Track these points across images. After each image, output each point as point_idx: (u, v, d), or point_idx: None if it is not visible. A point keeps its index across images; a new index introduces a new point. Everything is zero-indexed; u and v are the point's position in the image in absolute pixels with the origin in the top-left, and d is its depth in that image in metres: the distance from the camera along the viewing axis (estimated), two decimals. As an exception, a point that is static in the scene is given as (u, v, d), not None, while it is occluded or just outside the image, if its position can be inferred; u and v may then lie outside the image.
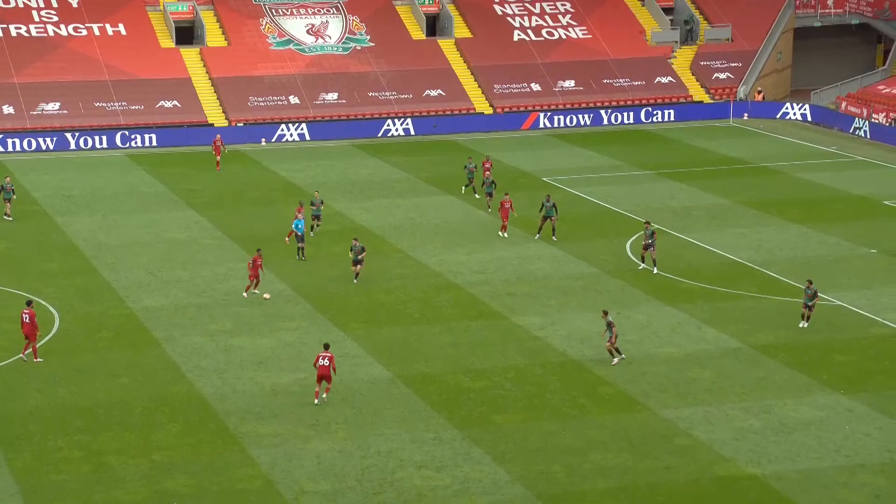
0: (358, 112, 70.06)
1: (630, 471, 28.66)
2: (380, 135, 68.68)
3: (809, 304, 37.49)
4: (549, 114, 70.98)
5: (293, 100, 69.99)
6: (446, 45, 75.12)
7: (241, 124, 67.91)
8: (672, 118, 71.79)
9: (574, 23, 77.34)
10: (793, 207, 52.20)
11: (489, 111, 71.39)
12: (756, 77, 74.63)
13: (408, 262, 45.12)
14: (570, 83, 73.14)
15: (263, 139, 66.23)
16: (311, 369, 34.51)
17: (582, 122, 71.02)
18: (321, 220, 48.53)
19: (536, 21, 77.22)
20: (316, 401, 32.48)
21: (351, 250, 42.33)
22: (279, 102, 69.72)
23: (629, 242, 47.09)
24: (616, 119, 71.37)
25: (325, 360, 32.27)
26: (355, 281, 42.03)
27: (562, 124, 70.80)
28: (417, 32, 75.92)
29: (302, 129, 67.92)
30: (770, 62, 75.72)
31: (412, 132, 69.10)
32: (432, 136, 68.71)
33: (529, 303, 40.35)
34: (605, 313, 34.97)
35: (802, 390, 33.07)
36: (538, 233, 47.26)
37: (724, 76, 74.88)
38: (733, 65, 75.37)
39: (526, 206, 51.10)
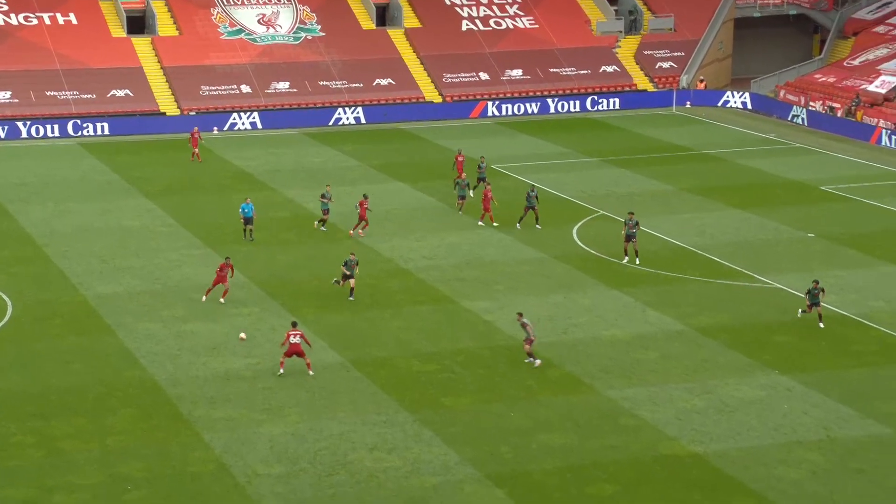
0: (309, 101, 69.68)
1: (576, 450, 28.77)
2: (331, 123, 68.37)
3: (813, 302, 36.31)
4: (496, 102, 70.99)
5: (245, 89, 69.46)
6: (396, 35, 74.86)
7: (193, 113, 67.30)
8: (617, 106, 72.04)
9: (521, 13, 77.36)
10: (734, 193, 52.58)
11: (438, 100, 71.26)
12: (698, 66, 75.06)
13: (358, 248, 44.94)
14: (517, 72, 73.18)
15: (216, 127, 65.69)
16: (265, 354, 34.40)
17: (529, 111, 71.10)
18: (329, 213, 47.02)
19: (484, 11, 77.15)
20: (281, 370, 32.92)
21: (344, 264, 39.07)
22: (231, 91, 69.16)
23: (576, 228, 47.23)
24: (562, 107, 71.52)
25: (296, 338, 32.58)
26: (351, 298, 38.76)
27: (509, 112, 70.83)
28: (367, 22, 75.60)
29: (254, 117, 67.44)
30: (711, 51, 76.18)
31: (363, 120, 68.84)
32: (383, 124, 68.50)
33: (479, 288, 40.36)
34: (520, 315, 33.89)
35: (743, 371, 33.34)
36: (519, 222, 46.73)
37: (668, 65, 75.24)
38: (676, 54, 75.76)
39: (474, 194, 51.03)
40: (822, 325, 36.42)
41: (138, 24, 72.56)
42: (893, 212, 49.32)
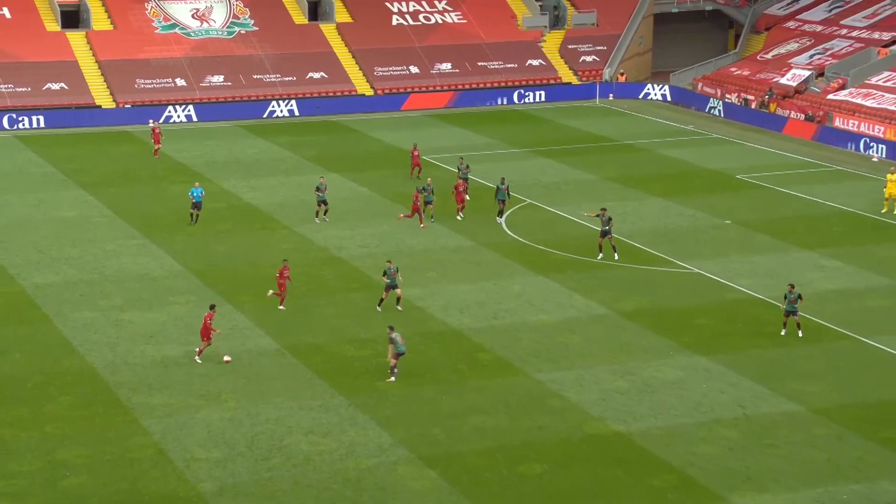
0: (243, 94, 69.13)
1: (506, 431, 28.96)
2: (265, 116, 67.91)
3: (789, 310, 34.36)
4: (427, 95, 70.98)
5: (179, 82, 68.69)
6: (328, 30, 74.51)
7: (129, 106, 66.45)
8: (543, 99, 72.39)
9: (450, 8, 77.39)
10: (655, 182, 53.14)
11: (370, 92, 71.07)
12: (620, 60, 75.67)
13: (294, 238, 44.77)
14: (446, 66, 73.22)
15: (151, 120, 64.87)
16: (202, 342, 34.17)
17: (458, 103, 71.17)
18: (328, 204, 46.59)
19: (414, 6, 77.06)
20: (197, 358, 32.99)
21: (384, 274, 36.78)
22: (166, 85, 68.36)
23: (504, 217, 47.40)
24: (490, 100, 71.71)
25: (208, 320, 32.71)
26: (399, 307, 36.47)
27: (439, 105, 70.84)
28: (300, 17, 75.15)
29: (189, 110, 66.75)
30: (632, 46, 76.83)
31: (296, 113, 68.46)
32: (316, 116, 68.18)
33: (410, 274, 40.38)
34: (391, 329, 32.03)
35: (664, 352, 33.77)
36: (499, 216, 45.94)
37: (591, 59, 75.75)
38: (599, 48, 76.29)
39: (403, 184, 51.06)
40: (800, 333, 34.56)
41: (73, 18, 71.40)
42: (804, 199, 50.20)
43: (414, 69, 72.72)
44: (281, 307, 37.02)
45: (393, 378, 31.81)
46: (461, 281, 39.76)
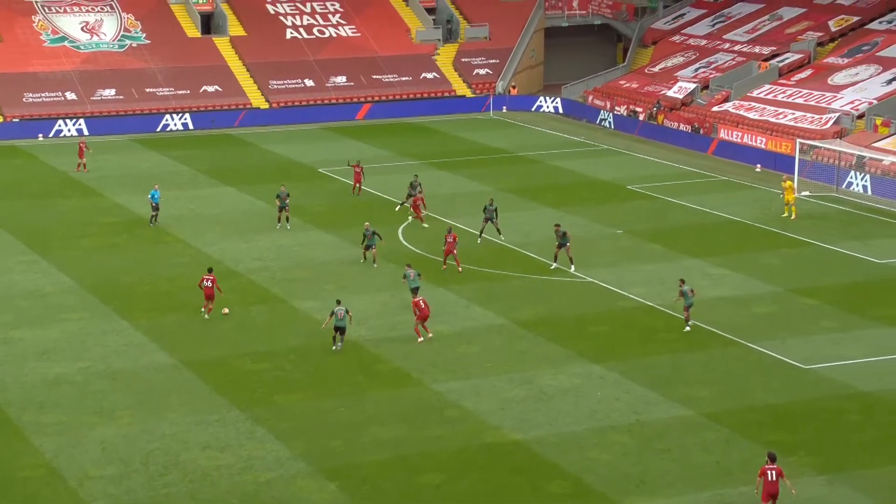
0: (136, 107, 68.05)
1: (405, 442, 28.91)
2: (158, 129, 66.92)
3: (690, 303, 35.74)
4: (322, 108, 70.72)
5: (70, 95, 67.32)
6: (221, 43, 73.77)
7: (16, 120, 64.85)
8: (437, 111, 72.66)
9: (343, 22, 77.26)
10: (548, 193, 53.68)
11: (265, 106, 70.53)
12: (512, 73, 76.37)
13: (189, 252, 44.14)
14: (341, 79, 73.04)
15: (41, 134, 63.49)
16: (96, 358, 33.62)
17: (354, 116, 71.05)
18: (289, 210, 46.67)
19: (308, 20, 76.75)
20: (206, 316, 36.25)
21: (404, 277, 37.28)
22: (55, 98, 66.94)
23: (401, 229, 47.45)
24: (386, 112, 71.74)
25: (209, 283, 35.88)
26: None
27: (335, 118, 70.64)
28: (192, 30, 74.28)
29: (80, 124, 65.45)
30: (524, 59, 77.63)
31: (190, 126, 67.62)
32: (210, 130, 67.42)
33: (308, 288, 40.12)
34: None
35: (560, 361, 34.08)
36: (480, 235, 45.42)
37: (484, 72, 76.30)
38: (491, 61, 76.88)
39: (300, 196, 50.76)
40: (687, 327, 35.95)
41: (-42, 30, 69.58)
42: (692, 208, 51.20)
43: (309, 82, 72.38)
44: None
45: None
46: (359, 293, 39.62)
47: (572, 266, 42.01)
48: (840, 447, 28.64)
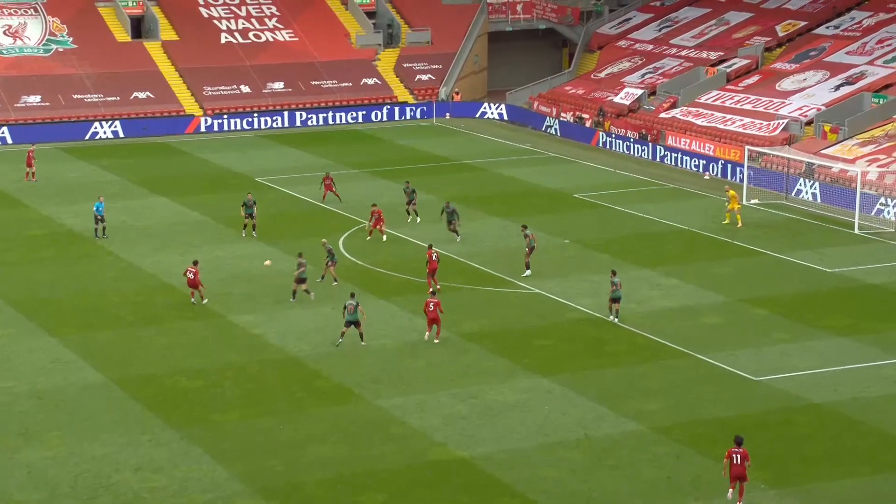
0: (63, 115, 67.28)
1: (346, 460, 28.82)
2: (87, 137, 66.23)
3: (616, 296, 37.84)
4: (258, 115, 70.42)
5: (-7, 102, 66.43)
6: (153, 48, 73.19)
7: (-62, 127, 63.89)
8: (379, 118, 72.69)
9: (280, 26, 77.01)
10: (494, 202, 53.86)
11: (199, 113, 70.07)
12: (456, 78, 76.59)
13: (120, 265, 43.70)
14: (279, 85, 72.79)
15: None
16: (22, 377, 33.21)
17: (292, 123, 70.83)
18: (255, 218, 47.16)
19: (243, 24, 76.40)
20: (192, 300, 38.71)
21: (344, 308, 36.17)
22: (-22, 105, 66.02)
23: (342, 239, 47.33)
24: (325, 120, 71.60)
25: (191, 274, 38.30)
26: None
27: (271, 125, 70.38)
28: (122, 35, 73.63)
29: (3, 132, 64.58)
30: (468, 64, 77.89)
31: (121, 134, 67.00)
32: (143, 138, 66.83)
33: (245, 301, 39.88)
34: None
35: (506, 375, 34.17)
36: (458, 236, 46.57)
37: (426, 77, 76.45)
38: (434, 67, 77.05)
39: (233, 208, 50.47)
40: (616, 319, 38.02)
41: None
42: (640, 217, 51.63)
43: (245, 88, 72.04)
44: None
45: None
46: (299, 307, 39.45)
47: (528, 271, 42.78)
48: (791, 461, 29.01)
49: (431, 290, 39.10)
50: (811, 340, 36.88)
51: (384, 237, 47.09)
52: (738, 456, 26.62)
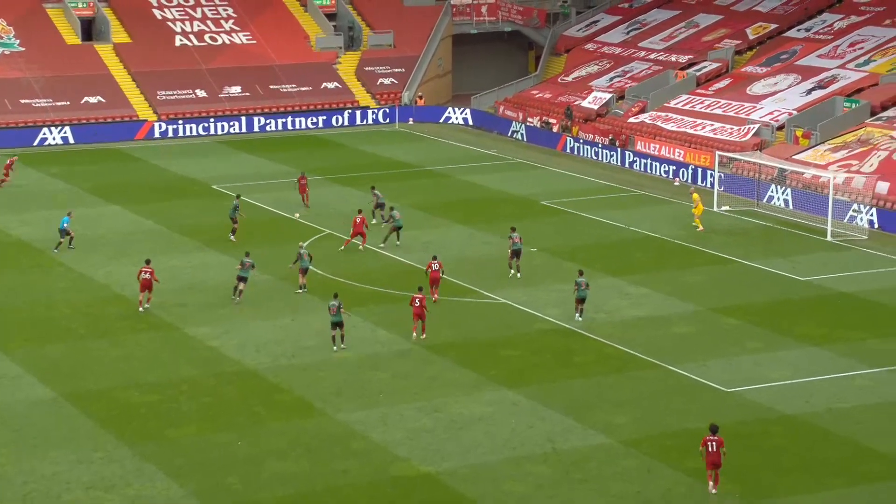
0: (10, 120, 66.77)
1: (307, 477, 28.70)
2: (35, 144, 65.76)
3: (582, 296, 39.05)
4: (215, 120, 70.16)
5: (-63, 107, 65.84)
6: (104, 51, 72.81)
7: None
8: (340, 123, 72.62)
9: (237, 28, 76.81)
10: (458, 209, 53.91)
11: (154, 118, 69.73)
12: (419, 82, 76.65)
13: (71, 276, 43.37)
14: (236, 89, 72.57)
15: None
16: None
17: (250, 129, 70.63)
18: (237, 222, 47.76)
19: (199, 26, 76.13)
20: (140, 308, 38.55)
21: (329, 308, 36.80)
22: (-78, 109, 65.40)
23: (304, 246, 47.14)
24: (284, 125, 71.46)
25: (147, 274, 38.29)
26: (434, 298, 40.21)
27: (228, 131, 70.13)
28: (72, 37, 73.18)
29: (-52, 137, 64.04)
30: (431, 68, 77.97)
31: (71, 140, 66.58)
32: (94, 144, 66.43)
33: (202, 312, 39.68)
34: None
35: (472, 387, 34.17)
36: (383, 241, 47.41)
37: (389, 81, 76.47)
38: (396, 70, 77.10)
39: (195, 215, 50.27)
40: (578, 317, 39.09)
41: None
42: (608, 224, 51.83)
43: (201, 93, 71.78)
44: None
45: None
46: (257, 318, 39.30)
47: (518, 274, 43.71)
48: (764, 473, 29.16)
49: (434, 299, 40.16)
50: (783, 350, 37.12)
51: (361, 247, 46.96)
52: (714, 444, 27.50)
